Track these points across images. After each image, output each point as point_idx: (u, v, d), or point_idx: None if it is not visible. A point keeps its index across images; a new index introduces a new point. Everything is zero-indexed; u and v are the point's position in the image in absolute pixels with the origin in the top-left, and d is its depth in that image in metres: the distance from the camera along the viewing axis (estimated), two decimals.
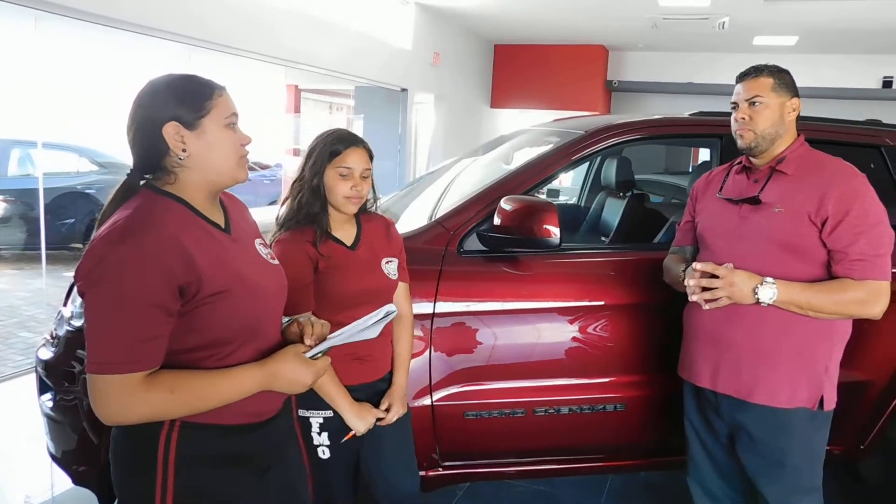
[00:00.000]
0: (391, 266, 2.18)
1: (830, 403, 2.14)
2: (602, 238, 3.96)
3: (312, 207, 2.03)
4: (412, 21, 8.88)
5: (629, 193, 3.92)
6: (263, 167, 11.10)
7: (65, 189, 8.20)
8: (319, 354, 1.56)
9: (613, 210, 3.95)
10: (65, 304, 2.75)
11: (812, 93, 6.69)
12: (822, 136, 2.82)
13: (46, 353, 2.64)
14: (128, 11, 4.69)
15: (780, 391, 2.11)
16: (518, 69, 11.73)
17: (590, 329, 2.67)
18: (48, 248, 6.71)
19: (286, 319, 1.67)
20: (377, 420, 2.14)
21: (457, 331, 2.59)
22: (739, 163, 2.31)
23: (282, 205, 2.11)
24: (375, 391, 2.19)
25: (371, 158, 2.09)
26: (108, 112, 8.00)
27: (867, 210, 2.04)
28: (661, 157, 8.13)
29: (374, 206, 2.23)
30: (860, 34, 9.10)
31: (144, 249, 1.33)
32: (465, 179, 3.31)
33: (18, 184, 8.17)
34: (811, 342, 2.11)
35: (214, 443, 1.49)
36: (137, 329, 1.32)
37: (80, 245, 7.98)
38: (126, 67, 7.40)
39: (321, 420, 2.08)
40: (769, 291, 2.02)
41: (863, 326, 2.28)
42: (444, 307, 2.55)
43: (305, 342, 1.55)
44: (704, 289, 2.07)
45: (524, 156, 3.09)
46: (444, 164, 3.97)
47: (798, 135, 2.22)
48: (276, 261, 1.69)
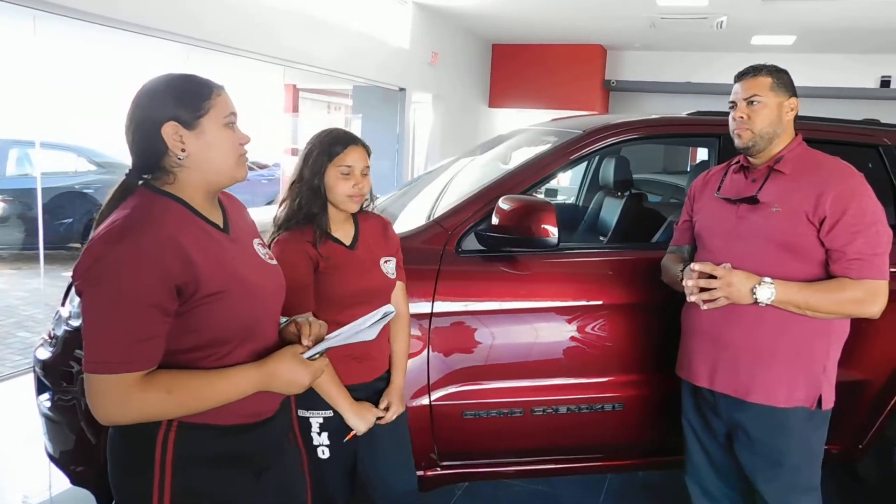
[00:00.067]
0: (389, 265, 2.18)
1: (829, 403, 2.14)
2: (600, 238, 3.96)
3: (313, 208, 2.03)
4: (410, 20, 8.87)
5: (627, 193, 3.92)
6: (261, 167, 11.10)
7: (63, 189, 8.18)
8: (317, 355, 1.55)
9: (611, 210, 3.95)
10: (63, 304, 2.75)
11: (810, 92, 6.69)
12: (820, 136, 2.82)
13: (44, 353, 2.64)
14: (126, 11, 4.68)
15: (778, 390, 2.12)
16: (516, 69, 11.73)
17: (588, 329, 2.67)
18: (46, 248, 6.72)
19: (284, 320, 1.66)
20: (377, 419, 2.14)
21: (455, 330, 2.59)
22: (737, 162, 2.31)
23: (280, 206, 2.11)
24: (374, 390, 2.19)
25: (368, 155, 2.10)
26: (107, 112, 7.99)
27: (864, 209, 2.04)
28: (660, 157, 8.15)
29: (371, 206, 2.24)
30: (858, 34, 9.11)
31: (142, 249, 1.33)
32: (463, 179, 3.30)
33: (16, 183, 8.16)
34: (809, 342, 2.11)
35: (212, 443, 1.48)
36: (135, 329, 1.32)
37: (78, 245, 7.96)
38: (124, 67, 7.40)
39: (321, 420, 2.08)
40: (767, 291, 2.02)
41: (861, 326, 2.28)
42: (443, 307, 2.55)
43: (303, 342, 1.55)
44: (703, 289, 2.07)
45: (522, 155, 3.09)
46: (442, 164, 3.97)
47: (796, 134, 2.22)
48: (275, 261, 1.69)
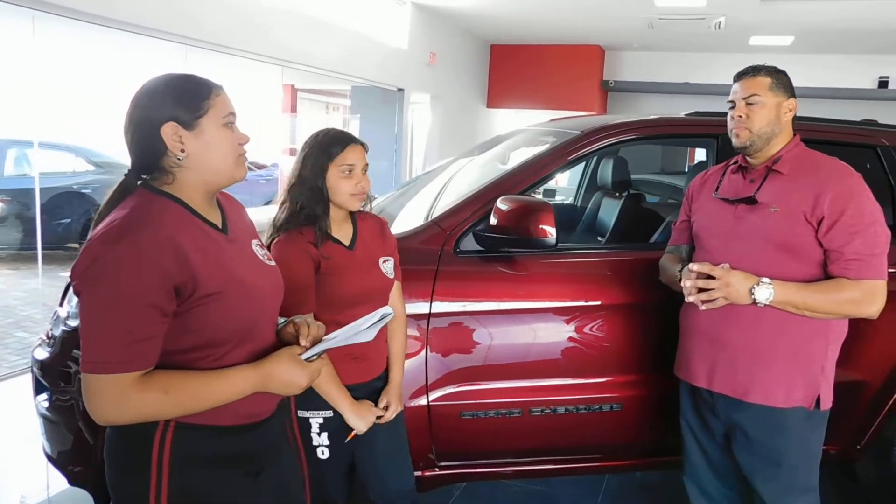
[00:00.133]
0: (388, 265, 2.18)
1: (827, 403, 2.15)
2: (598, 238, 3.97)
3: (316, 208, 2.03)
4: (408, 21, 8.88)
5: (625, 193, 3.92)
6: (260, 167, 11.08)
7: (61, 189, 8.17)
8: (315, 357, 1.55)
9: (610, 210, 3.95)
10: (61, 304, 2.74)
11: (808, 93, 6.70)
12: (818, 137, 2.82)
13: (42, 354, 2.63)
14: (125, 11, 4.68)
15: (776, 391, 2.12)
16: (514, 69, 11.73)
17: (586, 329, 2.67)
18: (44, 248, 6.71)
19: (283, 320, 1.66)
20: (376, 418, 2.15)
21: (453, 331, 2.59)
22: (735, 162, 2.31)
23: (280, 208, 2.09)
24: (372, 390, 2.20)
25: (366, 153, 2.11)
26: (105, 112, 7.97)
27: (862, 209, 2.04)
28: (658, 157, 8.15)
29: (369, 206, 2.24)
30: (856, 34, 9.12)
31: (141, 249, 1.33)
32: (462, 179, 3.30)
33: (15, 183, 8.14)
34: (807, 342, 2.11)
35: (209, 443, 1.48)
36: (133, 329, 1.32)
37: (77, 245, 7.95)
38: (123, 67, 7.39)
39: (321, 420, 2.09)
40: (765, 292, 2.02)
41: (859, 326, 2.28)
42: (441, 307, 2.55)
43: (301, 342, 1.55)
44: (701, 289, 2.08)
45: (520, 156, 3.09)
46: (441, 164, 3.97)
47: (794, 135, 2.22)
48: (273, 262, 1.69)
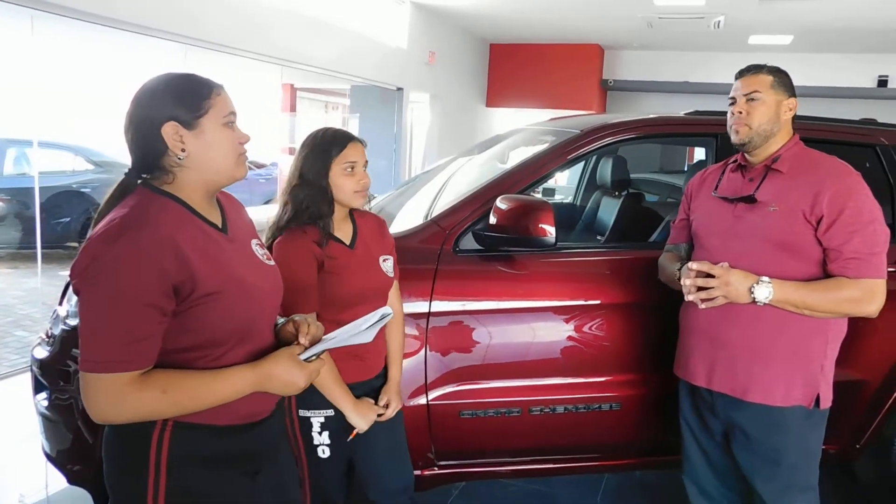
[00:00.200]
0: (388, 264, 2.19)
1: (826, 402, 2.15)
2: (598, 237, 3.97)
3: (322, 208, 2.03)
4: (407, 20, 8.87)
5: (625, 192, 3.93)
6: (259, 166, 11.07)
7: (60, 188, 8.17)
8: (313, 357, 1.55)
9: (609, 209, 3.95)
10: (60, 303, 2.75)
11: (807, 92, 6.69)
12: (818, 136, 2.82)
13: (42, 352, 2.64)
14: (124, 11, 4.68)
15: (776, 389, 2.12)
16: (513, 68, 11.72)
17: (585, 328, 2.67)
18: (43, 247, 6.70)
19: (282, 320, 1.66)
20: (377, 416, 2.16)
21: (452, 330, 2.59)
22: (734, 161, 2.31)
23: (282, 209, 2.07)
24: (371, 388, 2.20)
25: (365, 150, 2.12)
26: (105, 111, 7.97)
27: (861, 208, 2.04)
28: (657, 157, 8.15)
29: (368, 206, 2.24)
30: (855, 33, 9.12)
31: (140, 248, 1.33)
32: (461, 178, 3.30)
33: (14, 183, 8.15)
34: (807, 341, 2.11)
35: (207, 443, 1.48)
36: (132, 328, 1.32)
37: (76, 244, 7.95)
38: (122, 67, 7.39)
39: (322, 419, 2.09)
40: (765, 290, 2.02)
41: (858, 325, 2.28)
42: (440, 306, 2.55)
43: (300, 340, 1.54)
44: (700, 288, 2.08)
45: (520, 155, 3.09)
46: (440, 164, 3.97)
47: (793, 134, 2.22)
48: (272, 261, 1.68)
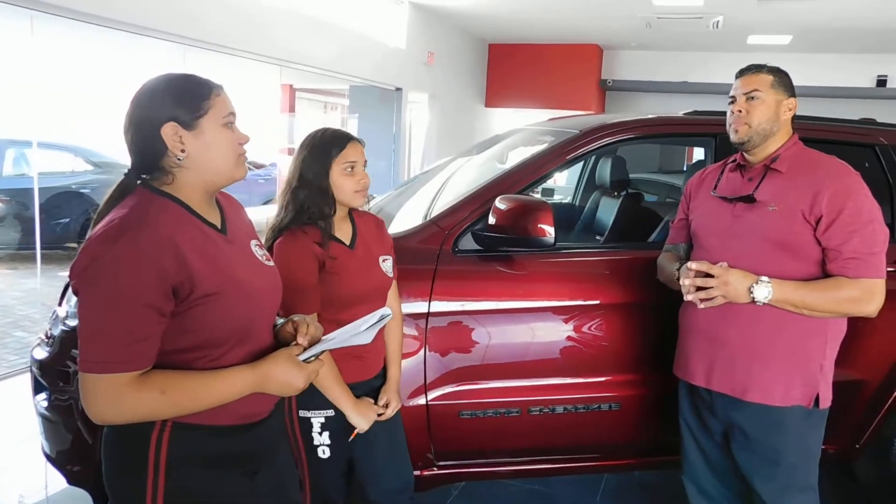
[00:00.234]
0: (387, 264, 2.19)
1: (826, 401, 2.15)
2: (597, 237, 3.97)
3: (324, 209, 2.03)
4: (406, 20, 8.87)
5: (624, 192, 3.93)
6: (258, 166, 11.07)
7: (60, 189, 8.17)
8: (312, 358, 1.54)
9: (608, 209, 3.95)
10: (59, 304, 2.75)
11: (806, 92, 6.68)
12: (817, 136, 2.82)
13: (41, 353, 2.63)
14: (123, 11, 4.68)
15: (775, 389, 2.12)
16: (512, 68, 11.72)
17: (585, 328, 2.67)
18: (43, 248, 6.71)
19: (282, 320, 1.66)
20: (377, 416, 2.16)
21: (452, 330, 2.59)
22: (734, 161, 2.31)
23: (283, 210, 2.07)
24: (371, 388, 2.21)
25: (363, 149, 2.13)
26: (104, 112, 7.97)
27: (861, 208, 2.04)
28: (656, 157, 8.16)
29: (367, 206, 2.24)
30: (854, 33, 9.13)
31: (139, 249, 1.33)
32: (460, 179, 3.30)
33: (13, 183, 8.15)
34: (806, 340, 2.11)
35: (206, 443, 1.48)
36: (131, 328, 1.32)
37: (75, 244, 7.95)
38: (122, 67, 7.39)
39: (322, 420, 2.09)
40: (764, 290, 2.02)
41: (858, 325, 2.28)
42: (439, 306, 2.55)
43: (298, 340, 1.54)
44: (699, 288, 2.08)
45: (519, 155, 3.09)
46: (439, 164, 3.97)
47: (793, 134, 2.22)
48: (272, 262, 1.68)
